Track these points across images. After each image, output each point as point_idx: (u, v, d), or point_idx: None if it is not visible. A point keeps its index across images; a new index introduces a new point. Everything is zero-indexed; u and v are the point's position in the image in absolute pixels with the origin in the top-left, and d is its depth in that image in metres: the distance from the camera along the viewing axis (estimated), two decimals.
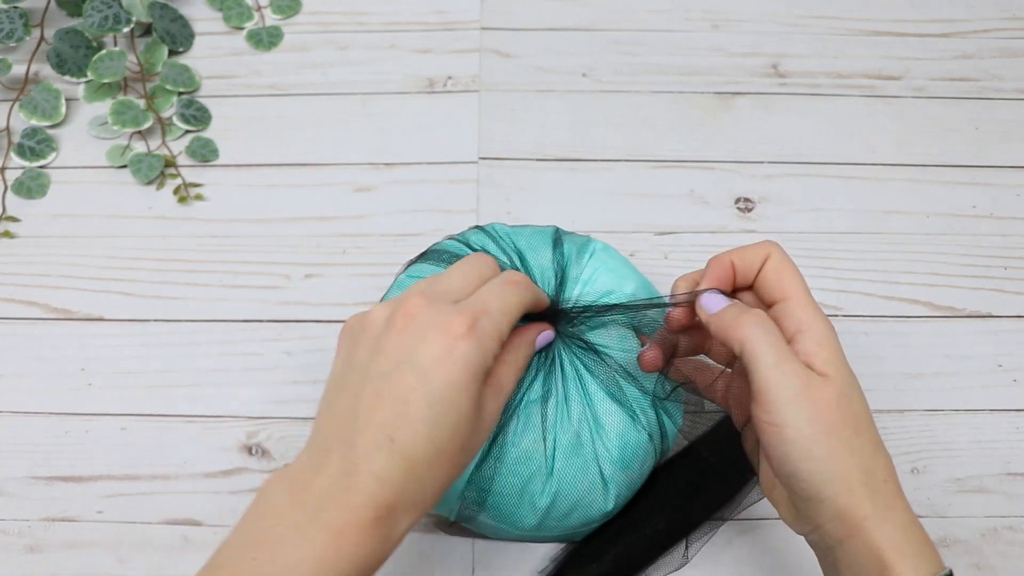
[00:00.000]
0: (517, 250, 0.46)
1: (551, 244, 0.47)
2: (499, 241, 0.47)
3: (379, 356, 0.34)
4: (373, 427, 0.32)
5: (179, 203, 0.58)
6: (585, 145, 0.60)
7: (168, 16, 0.63)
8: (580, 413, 0.42)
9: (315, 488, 0.32)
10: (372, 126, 0.61)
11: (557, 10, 0.66)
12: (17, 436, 0.50)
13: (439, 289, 0.36)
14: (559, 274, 0.45)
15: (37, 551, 0.47)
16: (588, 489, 0.42)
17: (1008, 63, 0.64)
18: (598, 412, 0.42)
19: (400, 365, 0.33)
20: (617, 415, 0.42)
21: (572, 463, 0.42)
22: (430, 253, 0.47)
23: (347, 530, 0.31)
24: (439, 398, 0.33)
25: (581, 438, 0.42)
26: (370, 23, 0.66)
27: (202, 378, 0.52)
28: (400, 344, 0.34)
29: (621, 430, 0.42)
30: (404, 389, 0.33)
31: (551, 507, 0.42)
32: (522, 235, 0.47)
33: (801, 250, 0.56)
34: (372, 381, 0.33)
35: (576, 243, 0.47)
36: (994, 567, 0.47)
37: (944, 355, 0.53)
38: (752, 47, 0.65)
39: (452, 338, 0.33)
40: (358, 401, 0.33)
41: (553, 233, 0.47)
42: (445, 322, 0.34)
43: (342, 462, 0.32)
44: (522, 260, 0.45)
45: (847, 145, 0.60)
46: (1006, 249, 0.56)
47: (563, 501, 0.42)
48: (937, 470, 0.49)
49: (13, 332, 0.53)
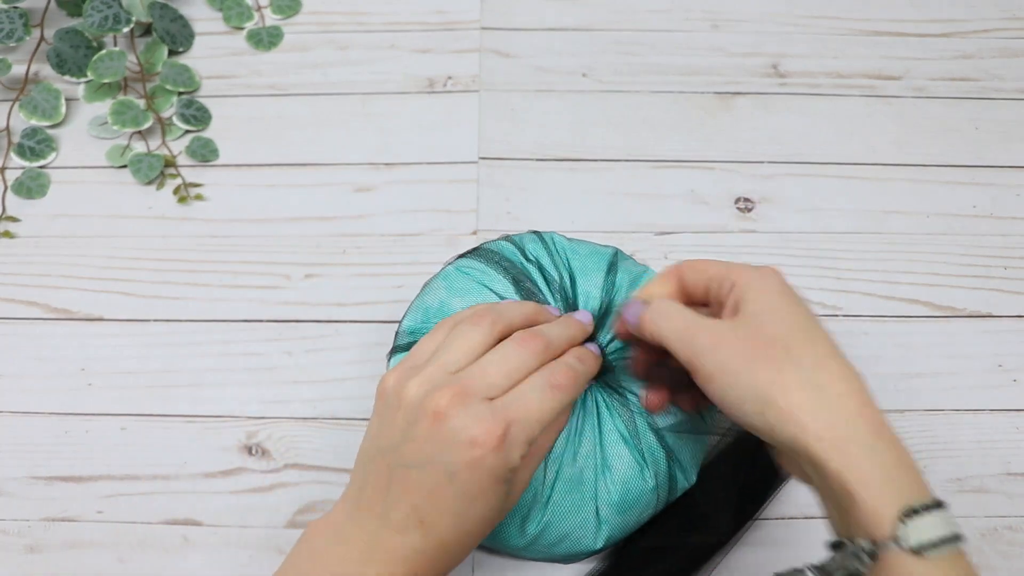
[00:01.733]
0: (570, 269, 0.45)
1: (605, 269, 0.45)
2: (554, 255, 0.46)
3: (410, 444, 0.35)
4: (405, 506, 0.35)
5: (179, 203, 0.58)
6: (585, 145, 0.60)
7: (168, 16, 0.63)
8: (589, 451, 0.42)
9: (361, 546, 0.35)
10: (372, 126, 0.61)
11: (557, 10, 0.66)
12: (17, 436, 0.50)
13: (476, 383, 0.36)
14: (604, 305, 0.44)
15: (37, 551, 0.47)
16: (580, 525, 0.42)
17: (1008, 63, 0.64)
18: (608, 453, 0.42)
19: (431, 460, 0.35)
20: (626, 459, 0.42)
21: (569, 498, 0.42)
22: (483, 251, 0.47)
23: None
24: (467, 495, 0.35)
25: (584, 475, 0.42)
26: (370, 23, 0.66)
27: (202, 378, 0.52)
28: (430, 440, 0.35)
29: (627, 475, 0.42)
30: (433, 483, 0.35)
31: (540, 535, 0.42)
32: (578, 253, 0.46)
33: (801, 250, 0.56)
34: (402, 467, 0.35)
35: (631, 273, 0.46)
36: (994, 567, 0.47)
37: (944, 355, 0.53)
38: (752, 47, 0.65)
39: (481, 450, 0.34)
40: (391, 476, 0.36)
41: (611, 257, 0.46)
42: (474, 432, 0.34)
43: (381, 530, 0.35)
44: (572, 281, 0.45)
45: (847, 145, 0.60)
46: (1006, 249, 0.56)
47: (552, 531, 0.42)
48: (937, 470, 0.49)
49: (13, 332, 0.53)
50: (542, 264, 0.45)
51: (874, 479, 0.32)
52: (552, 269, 0.45)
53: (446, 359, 0.37)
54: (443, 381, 0.36)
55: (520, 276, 0.45)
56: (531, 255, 0.46)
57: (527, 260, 0.46)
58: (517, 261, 0.46)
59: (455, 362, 0.37)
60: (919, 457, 0.50)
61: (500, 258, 0.46)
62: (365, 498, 0.36)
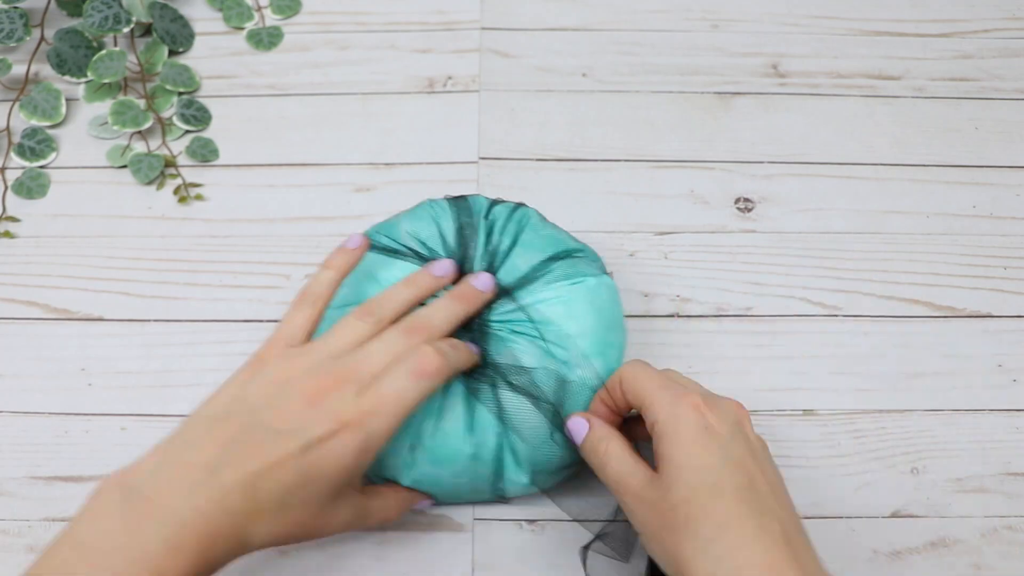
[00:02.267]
0: (515, 239, 0.47)
1: (551, 253, 0.47)
2: (511, 222, 0.48)
3: (275, 412, 0.37)
4: (242, 468, 0.35)
5: (179, 203, 0.58)
6: (585, 145, 0.60)
7: (168, 16, 0.63)
8: (434, 395, 0.42)
9: (162, 502, 0.34)
10: (372, 126, 0.61)
11: (557, 10, 0.66)
12: (17, 436, 0.50)
13: (357, 369, 0.38)
14: (523, 277, 0.46)
15: (37, 551, 0.47)
16: (394, 451, 0.43)
17: (1008, 63, 0.64)
18: (446, 404, 0.43)
19: (290, 431, 0.36)
20: (458, 418, 0.43)
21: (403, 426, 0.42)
22: (461, 198, 0.49)
23: (184, 549, 0.33)
24: (307, 474, 0.36)
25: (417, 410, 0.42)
26: (370, 23, 0.66)
27: (202, 378, 0.52)
28: (297, 414, 0.37)
29: (449, 430, 0.43)
30: (282, 453, 0.36)
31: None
32: (538, 232, 0.48)
33: (801, 250, 0.56)
34: (260, 431, 0.36)
35: (575, 270, 0.47)
36: (994, 567, 0.47)
37: (944, 355, 0.53)
38: (752, 47, 0.65)
39: (340, 434, 0.37)
40: (240, 435, 0.36)
41: (568, 249, 0.48)
42: (342, 416, 0.37)
43: (199, 486, 0.35)
44: (510, 248, 0.47)
45: (847, 145, 0.60)
46: (1006, 249, 0.56)
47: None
48: (937, 470, 0.49)
49: (13, 332, 0.53)
50: (495, 226, 0.47)
51: None
52: (498, 234, 0.47)
53: (331, 347, 0.40)
54: (327, 366, 0.39)
55: (467, 226, 0.47)
56: (492, 215, 0.48)
57: (485, 218, 0.48)
58: (477, 212, 0.48)
59: (340, 349, 0.39)
60: (919, 457, 0.50)
61: (465, 206, 0.48)
62: (191, 452, 0.36)
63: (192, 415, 0.38)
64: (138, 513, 0.34)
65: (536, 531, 0.47)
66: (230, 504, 0.35)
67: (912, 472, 0.49)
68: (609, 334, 0.46)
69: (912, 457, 0.50)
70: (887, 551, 0.47)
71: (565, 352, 0.44)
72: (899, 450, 0.50)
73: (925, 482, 0.49)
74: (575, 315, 0.45)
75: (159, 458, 0.36)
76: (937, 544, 0.47)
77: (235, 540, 0.35)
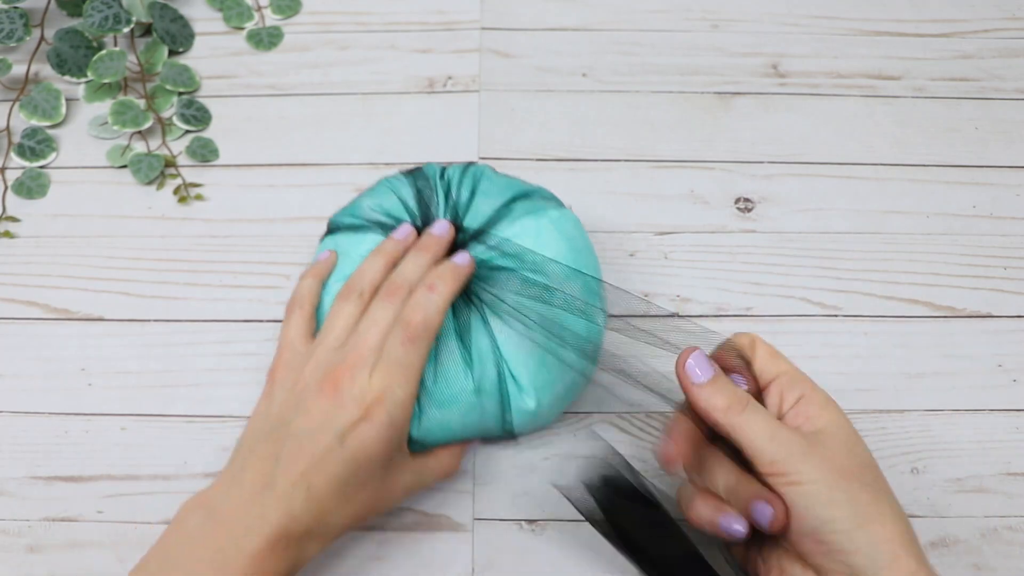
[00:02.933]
0: (473, 189, 0.49)
1: (510, 196, 0.49)
2: (466, 177, 0.49)
3: (304, 416, 0.40)
4: (293, 473, 0.38)
5: (179, 203, 0.58)
6: (585, 145, 0.60)
7: (168, 16, 0.64)
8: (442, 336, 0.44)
9: (235, 518, 0.37)
10: (372, 126, 0.61)
11: (557, 10, 0.66)
12: (17, 436, 0.50)
13: (360, 351, 0.41)
14: (489, 220, 0.48)
15: (37, 551, 0.47)
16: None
17: (1008, 63, 0.64)
18: (440, 346, 0.44)
19: (322, 427, 0.39)
20: (454, 354, 0.44)
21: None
22: (414, 169, 0.51)
23: (263, 556, 0.37)
24: (354, 460, 0.39)
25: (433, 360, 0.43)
26: (370, 23, 0.66)
27: (202, 378, 0.52)
28: (323, 411, 0.39)
29: (449, 370, 0.43)
30: (324, 448, 0.38)
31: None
32: (494, 182, 0.50)
33: (801, 250, 0.56)
34: (296, 438, 0.39)
35: (536, 206, 0.48)
36: (994, 567, 0.47)
37: (944, 355, 0.53)
38: (752, 47, 0.65)
39: (368, 413, 0.39)
40: (281, 449, 0.39)
41: (525, 190, 0.49)
42: (363, 399, 0.39)
43: (263, 499, 0.38)
44: (471, 198, 0.48)
45: (847, 145, 0.60)
46: (1006, 249, 0.56)
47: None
48: (937, 470, 0.49)
49: (13, 332, 0.53)
50: (451, 184, 0.49)
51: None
52: (456, 188, 0.48)
53: (331, 339, 0.42)
54: (333, 359, 0.41)
55: (425, 187, 0.49)
56: (447, 175, 0.50)
57: (440, 179, 0.50)
58: (432, 175, 0.50)
59: (337, 338, 0.42)
60: (919, 457, 0.50)
61: (420, 174, 0.50)
62: (248, 474, 0.39)
63: (237, 445, 0.42)
64: (216, 528, 0.37)
65: (536, 531, 0.47)
66: (294, 508, 0.38)
67: (912, 472, 0.49)
68: (580, 257, 0.47)
69: (912, 457, 0.50)
70: None
71: (544, 277, 0.45)
72: (899, 450, 0.50)
73: (925, 482, 0.49)
74: (545, 243, 0.46)
75: (227, 481, 0.40)
76: (937, 544, 0.47)
77: (310, 537, 0.38)
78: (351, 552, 0.47)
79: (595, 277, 0.47)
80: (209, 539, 0.37)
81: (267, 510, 0.37)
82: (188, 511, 0.39)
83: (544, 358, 0.44)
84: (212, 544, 0.37)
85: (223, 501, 0.38)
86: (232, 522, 0.37)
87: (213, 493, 0.39)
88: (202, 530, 0.37)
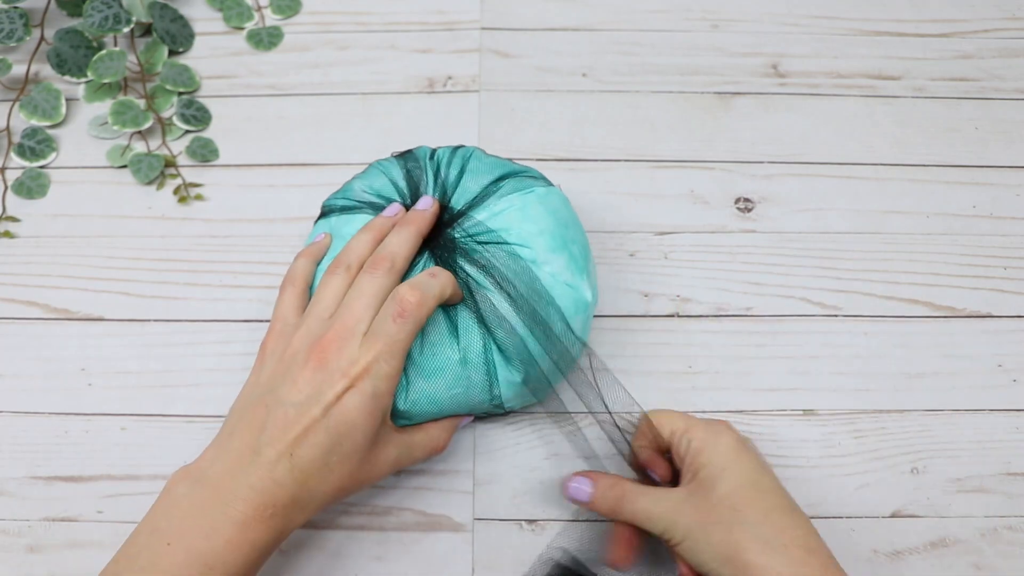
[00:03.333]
0: (462, 169, 0.49)
1: (497, 175, 0.49)
2: (455, 157, 0.50)
3: (291, 385, 0.40)
4: (279, 443, 0.39)
5: (179, 203, 0.58)
6: (585, 145, 0.60)
7: (168, 16, 0.63)
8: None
9: (222, 485, 0.38)
10: (372, 126, 0.61)
11: (557, 10, 0.66)
12: (17, 436, 0.50)
13: (347, 321, 0.41)
14: (477, 197, 0.48)
15: (37, 551, 0.47)
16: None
17: (1008, 63, 0.64)
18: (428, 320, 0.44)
19: (309, 398, 0.40)
20: (440, 325, 0.44)
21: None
22: (406, 152, 0.51)
23: (248, 522, 0.38)
24: (337, 430, 0.39)
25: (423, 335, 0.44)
26: (370, 23, 0.66)
27: (202, 378, 0.52)
28: (310, 380, 0.40)
29: (435, 340, 0.44)
30: (309, 419, 0.39)
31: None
32: (482, 161, 0.50)
33: (801, 250, 0.56)
34: (283, 407, 0.40)
35: (522, 183, 0.49)
36: (994, 567, 0.47)
37: (944, 355, 0.53)
38: (752, 47, 0.65)
39: (353, 383, 0.40)
40: (268, 417, 0.40)
41: (512, 168, 0.50)
42: (349, 369, 0.40)
43: (249, 466, 0.39)
44: (460, 176, 0.49)
45: (847, 145, 0.60)
46: (1006, 249, 0.56)
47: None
48: (937, 470, 0.49)
49: (13, 332, 0.53)
50: (440, 164, 0.50)
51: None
52: (445, 168, 0.49)
53: (319, 309, 0.43)
54: (322, 328, 0.42)
55: (415, 168, 0.50)
56: (436, 156, 0.50)
57: (430, 159, 0.50)
58: (422, 156, 0.50)
59: (327, 308, 0.43)
60: (919, 457, 0.50)
61: (411, 156, 0.51)
62: (236, 441, 0.40)
63: (228, 413, 0.42)
64: (204, 497, 0.38)
65: (536, 531, 0.47)
66: (278, 476, 0.38)
67: (912, 472, 0.49)
68: (567, 231, 0.48)
69: (912, 457, 0.50)
70: (887, 551, 0.47)
71: (530, 251, 0.46)
72: (899, 450, 0.50)
73: (925, 482, 0.49)
74: (531, 218, 0.47)
75: (213, 451, 0.40)
76: (937, 544, 0.47)
77: (295, 506, 0.39)
78: (351, 552, 0.47)
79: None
80: (196, 507, 0.38)
81: (252, 478, 0.38)
82: (176, 480, 0.39)
83: (533, 332, 0.45)
84: (199, 511, 0.38)
85: (210, 469, 0.39)
86: (219, 489, 0.38)
87: (201, 462, 0.40)
88: (189, 498, 0.38)
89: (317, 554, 0.47)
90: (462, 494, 0.48)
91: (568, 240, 0.47)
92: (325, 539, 0.47)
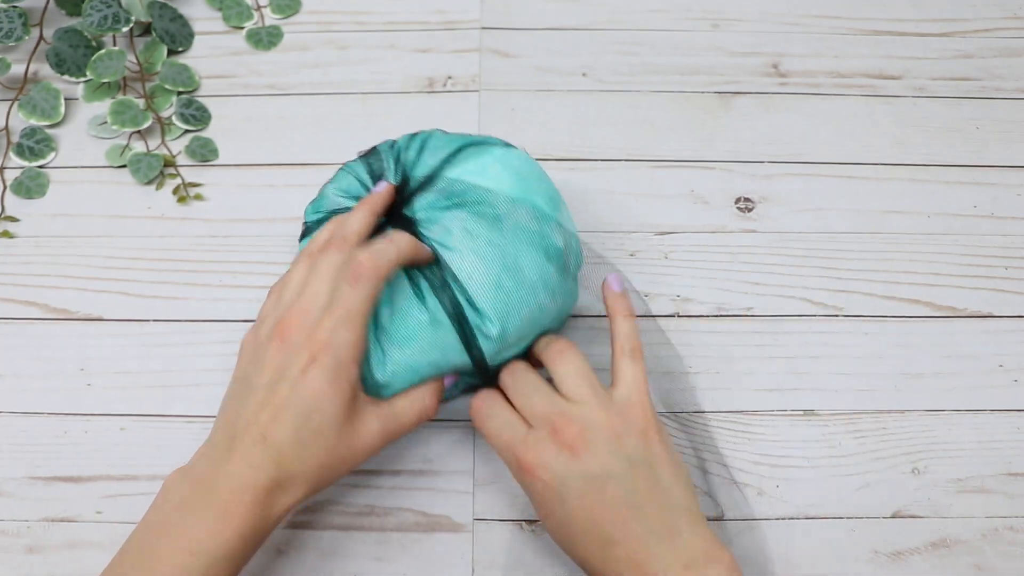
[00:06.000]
0: (422, 148, 0.49)
1: (456, 147, 0.49)
2: (415, 139, 0.50)
3: (261, 370, 0.41)
4: (252, 428, 0.40)
5: (179, 203, 0.58)
6: (585, 145, 0.60)
7: (167, 16, 0.63)
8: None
9: (205, 477, 0.39)
10: (372, 126, 0.61)
11: (557, 10, 0.66)
12: (17, 436, 0.50)
13: (307, 301, 0.42)
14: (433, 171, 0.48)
15: (37, 551, 0.47)
16: (367, 354, 0.44)
17: (1009, 63, 0.64)
18: (391, 287, 0.44)
19: (276, 377, 0.40)
20: (405, 291, 0.44)
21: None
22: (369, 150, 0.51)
23: (229, 510, 0.38)
24: (302, 402, 0.40)
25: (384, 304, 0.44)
26: (370, 23, 0.66)
27: (202, 378, 0.52)
28: (276, 360, 0.41)
29: (403, 307, 0.44)
30: (278, 400, 0.40)
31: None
32: (441, 139, 0.50)
33: (801, 250, 0.56)
34: (254, 391, 0.41)
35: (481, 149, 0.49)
36: (995, 567, 0.47)
37: (945, 355, 0.53)
38: (752, 47, 0.65)
39: (314, 354, 0.40)
40: (243, 407, 0.41)
41: (472, 139, 0.50)
42: (308, 343, 0.40)
43: (227, 454, 0.39)
44: (419, 153, 0.49)
45: (847, 145, 0.60)
46: (1006, 249, 0.56)
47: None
48: (938, 470, 0.49)
49: (13, 332, 0.53)
50: (400, 149, 0.50)
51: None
52: (404, 150, 0.49)
53: (286, 294, 0.43)
54: (281, 311, 0.42)
55: (375, 160, 0.50)
56: (397, 144, 0.50)
57: (391, 148, 0.50)
58: (383, 149, 0.50)
59: (292, 292, 0.43)
60: (919, 457, 0.50)
61: (373, 153, 0.50)
62: (217, 434, 0.41)
63: (218, 411, 0.43)
64: (190, 491, 0.39)
65: (536, 531, 0.47)
66: (254, 459, 0.39)
67: (913, 472, 0.49)
68: (529, 182, 0.47)
69: (913, 457, 0.50)
70: (888, 551, 0.47)
71: (492, 208, 0.46)
72: (900, 450, 0.50)
73: (926, 482, 0.49)
74: (490, 176, 0.47)
75: (202, 448, 0.41)
76: (938, 544, 0.47)
77: (276, 488, 0.39)
78: (351, 552, 0.47)
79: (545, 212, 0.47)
80: (183, 500, 0.39)
81: (229, 465, 0.39)
82: (170, 479, 0.40)
83: (502, 283, 0.44)
84: (184, 504, 0.39)
85: (197, 463, 0.40)
86: (202, 481, 0.39)
87: (192, 459, 0.41)
88: (178, 492, 0.39)
89: (317, 554, 0.47)
90: (462, 494, 0.48)
91: (529, 190, 0.47)
92: (325, 539, 0.47)
